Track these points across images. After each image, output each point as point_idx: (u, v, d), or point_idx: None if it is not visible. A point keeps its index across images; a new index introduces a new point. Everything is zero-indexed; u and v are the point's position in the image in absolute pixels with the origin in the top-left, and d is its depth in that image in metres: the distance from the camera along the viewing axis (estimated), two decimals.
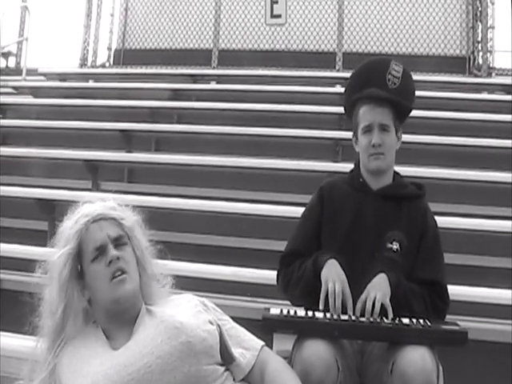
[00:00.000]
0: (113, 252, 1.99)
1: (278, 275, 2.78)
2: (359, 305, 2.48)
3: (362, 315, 2.46)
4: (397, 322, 2.41)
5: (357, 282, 2.56)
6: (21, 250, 4.18)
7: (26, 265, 4.17)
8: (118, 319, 2.00)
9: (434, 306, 2.61)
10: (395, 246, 2.66)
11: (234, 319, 2.19)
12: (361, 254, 2.66)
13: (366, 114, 2.76)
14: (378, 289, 2.50)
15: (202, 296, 2.20)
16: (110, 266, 1.98)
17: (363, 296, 2.49)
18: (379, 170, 2.76)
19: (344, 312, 2.47)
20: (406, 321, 2.42)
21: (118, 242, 2.03)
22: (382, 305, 2.46)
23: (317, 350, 2.31)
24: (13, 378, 2.45)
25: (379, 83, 2.80)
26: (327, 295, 2.50)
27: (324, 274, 2.56)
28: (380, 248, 2.66)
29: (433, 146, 5.76)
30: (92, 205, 2.09)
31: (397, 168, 2.91)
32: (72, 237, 2.01)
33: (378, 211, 2.72)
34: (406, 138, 5.60)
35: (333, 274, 2.54)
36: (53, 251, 2.05)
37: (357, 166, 2.86)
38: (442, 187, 4.93)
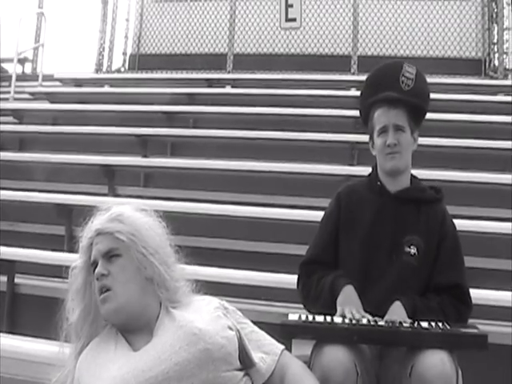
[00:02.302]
0: (99, 269, 2.02)
1: (298, 282, 2.79)
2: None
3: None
4: (416, 325, 2.40)
5: (375, 284, 2.59)
6: (37, 255, 4.20)
7: (42, 269, 4.23)
8: (127, 329, 2.02)
9: (455, 311, 2.60)
10: (413, 250, 2.66)
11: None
12: (379, 257, 2.66)
13: (380, 116, 2.77)
14: (396, 316, 2.48)
15: None
16: (98, 281, 2.02)
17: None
18: (396, 169, 2.76)
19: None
20: (425, 325, 2.41)
21: (109, 255, 2.04)
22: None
23: (336, 355, 2.30)
24: (33, 382, 2.48)
25: (393, 86, 2.80)
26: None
27: (340, 300, 2.57)
28: (398, 251, 2.67)
29: (449, 148, 5.74)
30: (100, 216, 2.12)
31: (412, 171, 2.90)
32: (83, 251, 2.09)
33: (396, 214, 2.72)
34: (421, 140, 5.61)
35: (348, 301, 2.54)
36: (69, 261, 2.13)
37: (374, 169, 2.86)
38: (459, 189, 4.91)
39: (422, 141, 5.62)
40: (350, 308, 2.51)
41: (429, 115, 2.92)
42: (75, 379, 2.00)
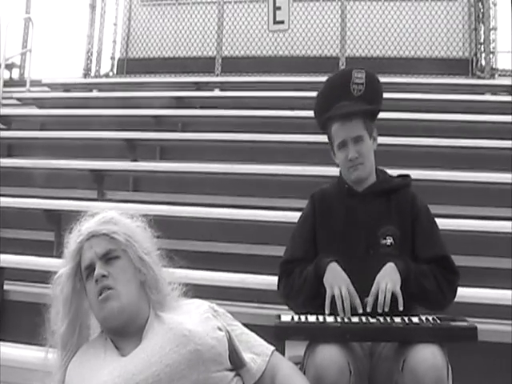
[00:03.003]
0: (99, 270, 2.00)
1: (278, 283, 2.81)
2: (370, 299, 2.52)
3: (374, 309, 2.49)
4: (407, 321, 2.43)
5: (356, 281, 2.59)
6: (26, 261, 4.19)
7: (31, 276, 4.21)
8: (121, 332, 2.01)
9: (445, 279, 2.65)
10: (389, 240, 2.71)
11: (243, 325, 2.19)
12: (357, 254, 2.70)
13: (337, 131, 2.82)
14: (388, 278, 2.54)
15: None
16: (98, 284, 2.00)
17: (373, 289, 2.53)
18: (360, 179, 2.83)
19: (354, 313, 2.51)
20: (415, 320, 2.45)
21: (108, 257, 2.04)
22: (393, 294, 2.50)
23: (329, 354, 2.32)
24: None
25: (345, 95, 2.85)
26: (333, 299, 2.53)
27: (327, 278, 2.60)
28: (374, 245, 2.71)
29: (436, 148, 5.76)
30: (89, 221, 2.11)
31: (399, 171, 2.96)
32: (70, 256, 2.06)
33: (367, 210, 2.78)
34: (408, 140, 5.66)
35: (336, 278, 2.58)
36: (58, 267, 2.09)
37: (341, 174, 2.92)
38: (444, 189, 4.94)
39: (412, 141, 5.70)
40: (339, 286, 2.54)
41: (416, 115, 2.95)
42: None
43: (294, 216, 4.18)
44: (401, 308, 2.49)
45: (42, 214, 5.04)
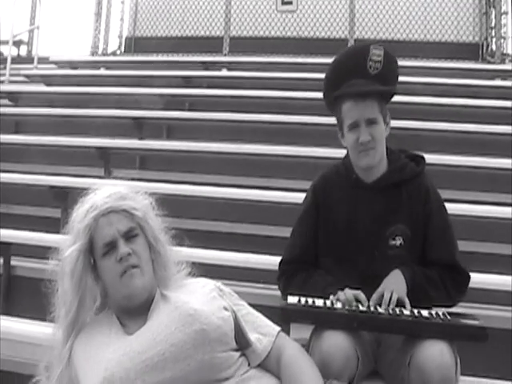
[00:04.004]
0: (124, 249, 1.98)
1: (278, 282, 2.73)
2: (375, 296, 2.45)
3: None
4: (416, 314, 2.37)
5: (361, 284, 2.50)
6: (33, 237, 4.19)
7: (38, 252, 4.22)
8: (132, 310, 2.00)
9: (454, 282, 2.57)
10: (398, 241, 2.59)
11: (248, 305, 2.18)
12: (362, 255, 2.58)
13: (350, 110, 2.62)
14: (394, 286, 2.46)
15: None
16: (121, 262, 1.98)
17: (379, 289, 2.46)
18: (371, 165, 2.64)
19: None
20: (425, 313, 2.39)
21: (129, 235, 2.02)
22: (399, 299, 2.43)
23: (336, 341, 2.28)
24: (28, 363, 2.48)
25: (360, 72, 2.65)
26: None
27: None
28: (381, 246, 2.59)
29: (445, 132, 5.73)
30: (102, 194, 2.06)
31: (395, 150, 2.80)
32: (82, 232, 2.00)
33: (374, 207, 2.62)
34: (416, 124, 5.63)
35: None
36: (65, 243, 2.05)
37: (347, 159, 2.73)
38: (453, 174, 4.92)
39: (419, 125, 5.68)
40: (344, 292, 2.46)
41: (425, 99, 2.90)
42: (70, 363, 2.00)
43: (301, 197, 4.20)
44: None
45: (49, 190, 5.04)
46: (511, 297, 3.40)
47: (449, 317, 2.40)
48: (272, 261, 3.49)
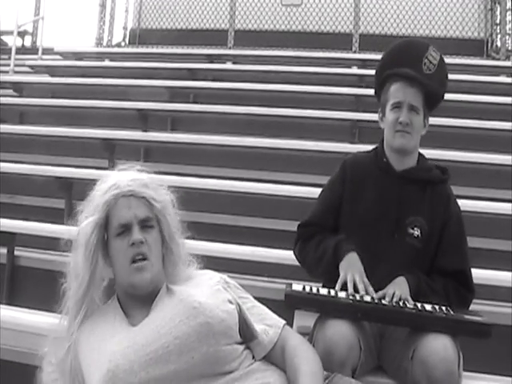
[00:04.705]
0: (137, 235, 1.97)
1: (294, 245, 2.79)
2: (380, 293, 2.47)
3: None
4: (420, 307, 2.39)
5: (377, 263, 2.57)
6: (37, 228, 4.20)
7: (42, 242, 4.24)
8: (138, 297, 2.00)
9: (458, 296, 2.60)
10: (416, 231, 2.64)
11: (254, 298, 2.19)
12: (381, 235, 2.64)
13: (397, 91, 2.72)
14: (398, 288, 2.48)
15: None
16: (133, 247, 1.97)
17: (384, 290, 2.48)
18: (403, 148, 2.72)
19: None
20: (428, 307, 2.41)
21: (145, 224, 2.00)
22: (401, 297, 2.45)
23: (340, 330, 2.31)
24: (31, 354, 2.49)
25: (414, 65, 2.75)
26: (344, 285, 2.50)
27: (343, 265, 2.56)
28: (401, 231, 2.65)
29: (449, 128, 5.72)
30: (125, 176, 2.05)
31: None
32: (101, 207, 1.99)
33: (400, 193, 2.69)
34: None
35: (351, 266, 2.54)
36: (82, 215, 2.04)
37: (381, 144, 2.82)
38: (460, 169, 4.90)
39: None
40: (352, 273, 2.50)
41: None
42: (75, 352, 2.00)
43: (306, 191, 4.21)
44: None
45: (53, 181, 5.04)
46: (511, 293, 3.41)
47: (452, 312, 2.41)
48: (278, 254, 3.50)
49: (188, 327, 1.91)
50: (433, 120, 5.52)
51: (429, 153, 2.89)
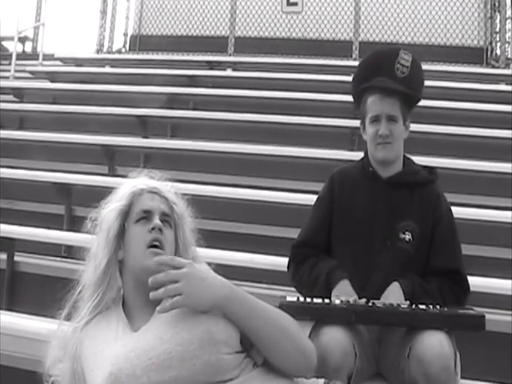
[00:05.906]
0: (158, 221, 1.99)
1: (288, 266, 2.81)
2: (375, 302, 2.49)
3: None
4: (413, 307, 2.42)
5: (372, 270, 2.60)
6: (37, 233, 4.21)
7: (41, 248, 4.24)
8: (145, 291, 1.99)
9: (453, 295, 2.61)
10: (408, 236, 2.67)
11: None
12: (374, 243, 2.67)
13: (373, 104, 2.76)
14: (392, 297, 2.51)
15: None
16: (151, 233, 1.98)
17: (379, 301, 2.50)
18: (386, 159, 2.76)
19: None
20: (422, 306, 2.44)
21: (165, 219, 2.02)
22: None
23: (334, 336, 2.33)
24: (31, 359, 2.49)
25: (388, 72, 2.78)
26: None
27: (335, 292, 2.59)
28: (392, 237, 2.67)
29: (449, 136, 5.74)
30: (150, 179, 2.11)
31: (412, 158, 2.90)
32: (126, 196, 2.04)
33: (389, 199, 2.72)
34: (421, 127, 5.62)
35: (344, 294, 2.55)
36: (105, 204, 2.07)
37: (366, 155, 2.86)
38: (456, 177, 4.92)
39: (423, 128, 5.69)
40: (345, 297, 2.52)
41: (430, 103, 2.93)
42: (77, 356, 2.01)
43: (305, 198, 4.21)
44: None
45: (52, 187, 5.06)
46: (511, 301, 3.41)
47: (445, 309, 2.45)
48: (277, 261, 3.50)
49: (190, 334, 1.90)
50: (432, 128, 5.59)
51: (428, 160, 2.92)
